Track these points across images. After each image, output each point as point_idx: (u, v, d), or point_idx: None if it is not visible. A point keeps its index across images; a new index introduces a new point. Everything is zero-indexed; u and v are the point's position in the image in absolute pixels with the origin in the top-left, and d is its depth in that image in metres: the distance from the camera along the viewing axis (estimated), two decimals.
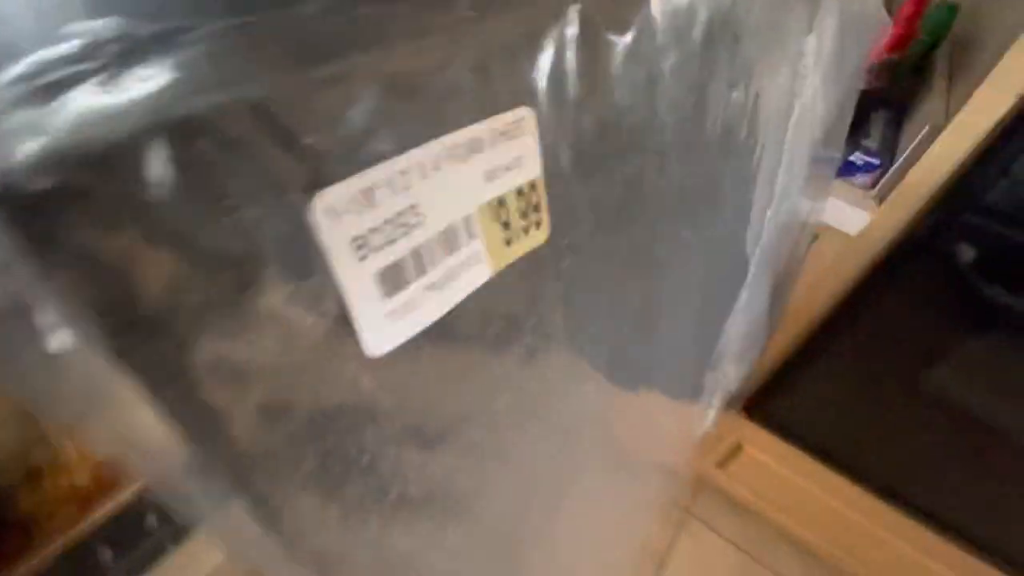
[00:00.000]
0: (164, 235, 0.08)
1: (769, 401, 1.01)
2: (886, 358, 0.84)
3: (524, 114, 0.12)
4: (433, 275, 0.11)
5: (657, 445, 0.42)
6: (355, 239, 0.09)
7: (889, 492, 0.97)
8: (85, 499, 0.38)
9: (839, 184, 0.77)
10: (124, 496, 0.39)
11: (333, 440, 0.11)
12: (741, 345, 0.48)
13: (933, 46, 0.80)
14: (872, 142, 0.76)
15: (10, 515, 0.36)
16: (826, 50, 0.36)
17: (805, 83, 0.35)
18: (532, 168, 0.13)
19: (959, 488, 0.90)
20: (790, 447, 1.04)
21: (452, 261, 0.11)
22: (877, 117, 0.80)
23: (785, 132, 0.36)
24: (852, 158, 0.76)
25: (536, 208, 0.14)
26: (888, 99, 0.81)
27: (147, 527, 0.38)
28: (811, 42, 0.35)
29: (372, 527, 0.14)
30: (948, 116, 0.65)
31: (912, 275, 0.75)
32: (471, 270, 0.12)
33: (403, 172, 0.10)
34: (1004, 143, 0.62)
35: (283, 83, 0.08)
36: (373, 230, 0.10)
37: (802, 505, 1.10)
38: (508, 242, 0.14)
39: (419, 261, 0.11)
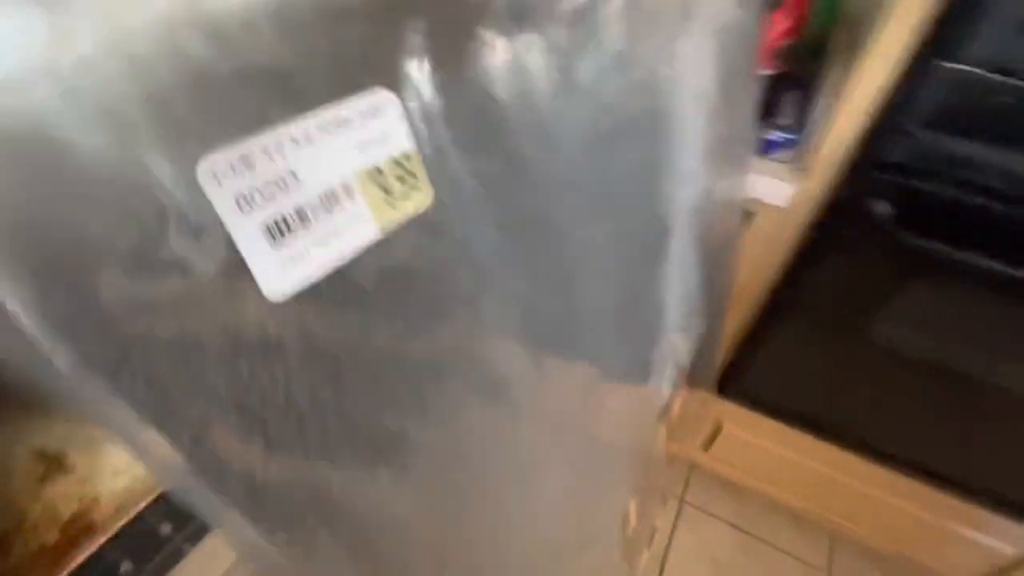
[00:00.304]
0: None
1: (738, 377, 1.05)
2: (835, 318, 0.89)
3: (385, 96, 0.15)
4: (318, 230, 0.14)
5: (608, 421, 0.44)
6: (238, 196, 0.12)
7: (861, 445, 1.01)
8: (56, 556, 0.38)
9: (762, 162, 0.83)
10: (94, 546, 0.39)
11: (247, 375, 0.13)
12: (682, 316, 0.51)
13: (828, 26, 0.87)
14: (786, 119, 0.82)
15: None
16: (705, 39, 0.40)
17: (690, 68, 0.39)
18: (402, 142, 0.16)
19: (922, 430, 0.94)
20: (765, 419, 1.08)
21: (336, 219, 0.14)
22: (788, 97, 0.86)
23: (679, 118, 0.40)
24: (770, 137, 0.82)
25: (413, 175, 0.17)
26: (796, 80, 0.87)
27: (122, 571, 0.39)
28: (690, 30, 0.39)
29: (300, 463, 0.16)
30: (845, 89, 0.71)
31: (842, 236, 0.80)
32: (357, 227, 0.15)
33: (276, 142, 0.12)
34: (893, 105, 0.68)
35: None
36: (254, 189, 0.12)
37: (785, 474, 1.14)
38: (391, 205, 0.16)
39: (304, 218, 0.13)
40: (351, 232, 0.15)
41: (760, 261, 0.90)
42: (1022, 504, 0.93)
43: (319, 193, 0.14)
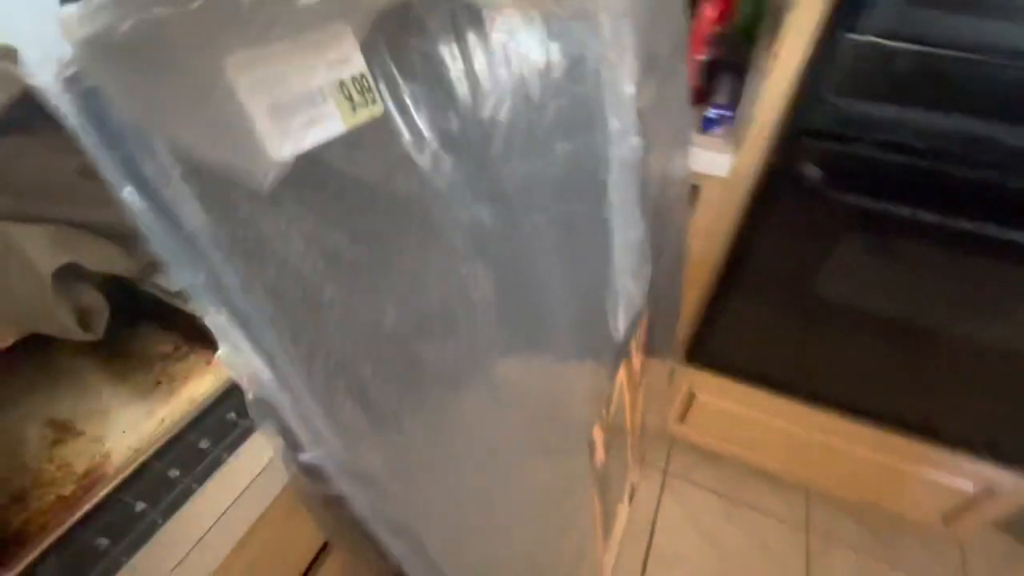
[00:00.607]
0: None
1: (704, 345, 1.12)
2: (785, 278, 0.96)
3: (343, 27, 0.21)
4: (304, 116, 0.19)
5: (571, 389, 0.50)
6: (252, 82, 0.17)
7: (823, 400, 1.08)
8: (73, 504, 0.42)
9: (704, 139, 0.90)
10: (107, 488, 0.43)
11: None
12: (630, 261, 0.57)
13: (756, 13, 0.96)
14: (722, 98, 0.90)
15: (2, 535, 0.40)
16: (627, 34, 0.47)
17: (612, 54, 0.45)
18: (358, 64, 0.21)
19: (877, 379, 1.01)
20: (733, 383, 1.14)
21: (315, 112, 0.19)
22: (722, 79, 0.94)
23: (607, 85, 0.47)
24: (708, 115, 0.90)
25: (369, 90, 0.22)
26: (729, 64, 0.95)
27: (136, 511, 0.42)
28: (613, 26, 0.46)
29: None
30: (769, 67, 0.79)
31: (780, 200, 0.88)
32: (329, 121, 0.20)
33: (278, 50, 0.17)
34: (811, 77, 0.76)
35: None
36: (261, 80, 0.17)
37: (758, 436, 1.20)
38: (354, 110, 0.22)
39: (294, 106, 0.19)
40: (325, 124, 0.20)
41: (711, 230, 0.97)
42: (977, 441, 1.00)
43: (304, 91, 0.19)
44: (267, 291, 0.21)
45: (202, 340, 0.55)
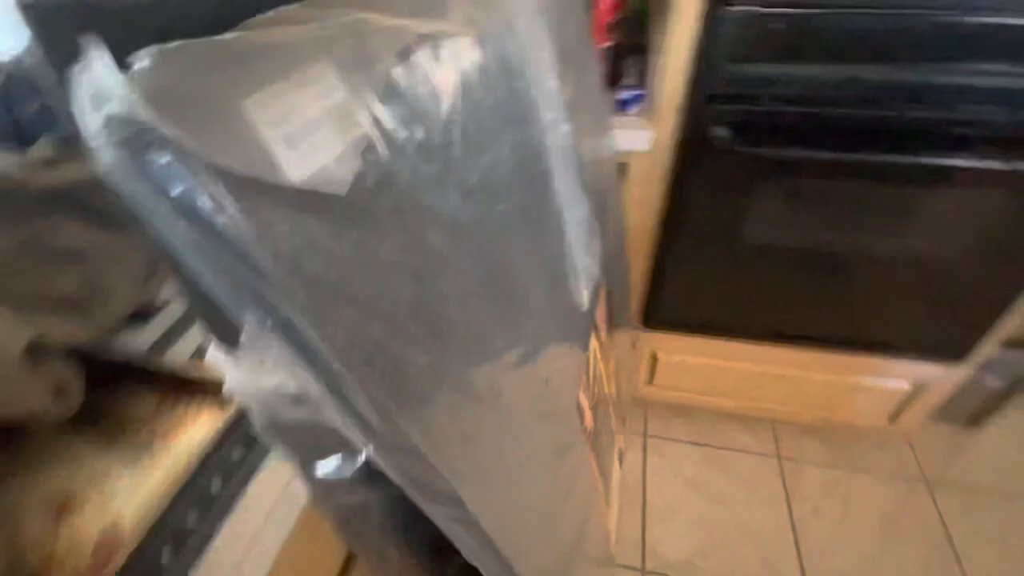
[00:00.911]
0: None
1: (658, 308, 1.20)
2: (714, 233, 1.05)
3: (324, 66, 0.24)
4: (309, 143, 0.22)
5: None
6: (267, 117, 0.20)
7: (769, 335, 1.18)
8: (95, 571, 0.42)
9: (622, 118, 0.97)
10: (130, 551, 0.43)
11: None
12: (582, 238, 0.62)
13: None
14: (631, 80, 0.98)
15: None
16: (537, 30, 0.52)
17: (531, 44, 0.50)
18: (341, 94, 0.25)
19: (811, 306, 1.12)
20: (690, 337, 1.23)
21: (315, 139, 0.23)
22: (629, 62, 1.02)
23: (535, 83, 0.51)
24: (621, 96, 0.97)
25: (353, 113, 0.26)
26: (631, 47, 1.03)
27: (163, 563, 0.43)
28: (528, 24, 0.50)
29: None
30: (667, 44, 0.87)
31: (698, 162, 0.96)
32: (329, 148, 0.24)
33: (286, 88, 0.21)
34: (703, 49, 0.84)
35: None
36: (273, 115, 0.20)
37: (720, 381, 1.30)
38: (343, 132, 0.25)
39: (300, 135, 0.21)
40: (325, 150, 0.23)
41: (644, 201, 1.04)
42: (903, 343, 1.13)
43: (305, 123, 0.22)
44: (321, 298, 0.24)
45: (187, 390, 0.55)
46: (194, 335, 0.61)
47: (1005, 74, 0.78)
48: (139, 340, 0.59)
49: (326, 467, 0.42)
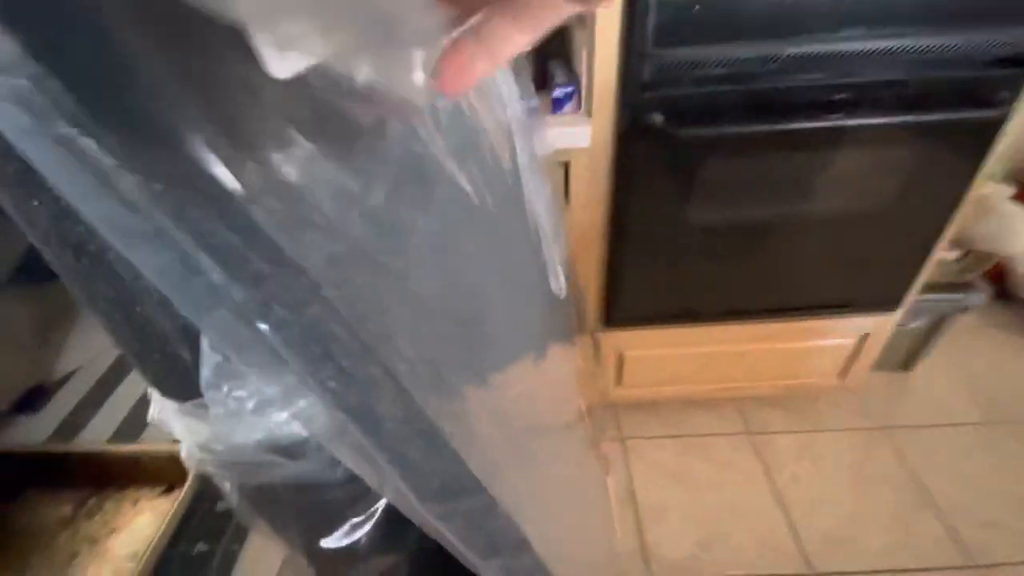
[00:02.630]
0: None
1: (616, 306, 1.18)
2: (661, 220, 1.06)
3: None
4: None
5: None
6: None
7: (722, 315, 1.21)
8: None
9: (558, 118, 0.96)
10: None
11: None
12: (551, 231, 0.59)
13: None
14: (560, 78, 0.97)
15: None
16: None
17: None
18: None
19: (758, 279, 1.16)
20: (650, 330, 1.22)
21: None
22: (555, 63, 1.01)
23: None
24: (555, 95, 0.95)
25: None
26: (555, 47, 1.03)
27: None
28: None
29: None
30: (593, 39, 0.86)
31: (637, 151, 0.97)
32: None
33: None
34: (629, 38, 0.85)
35: None
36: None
37: (682, 369, 1.30)
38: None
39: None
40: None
41: (589, 200, 1.03)
42: (843, 302, 1.19)
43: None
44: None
45: (116, 482, 0.43)
46: (117, 404, 0.48)
47: (895, 35, 0.85)
48: (34, 428, 0.45)
49: (335, 536, 0.33)
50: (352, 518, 0.31)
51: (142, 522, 0.40)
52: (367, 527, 0.33)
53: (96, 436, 0.47)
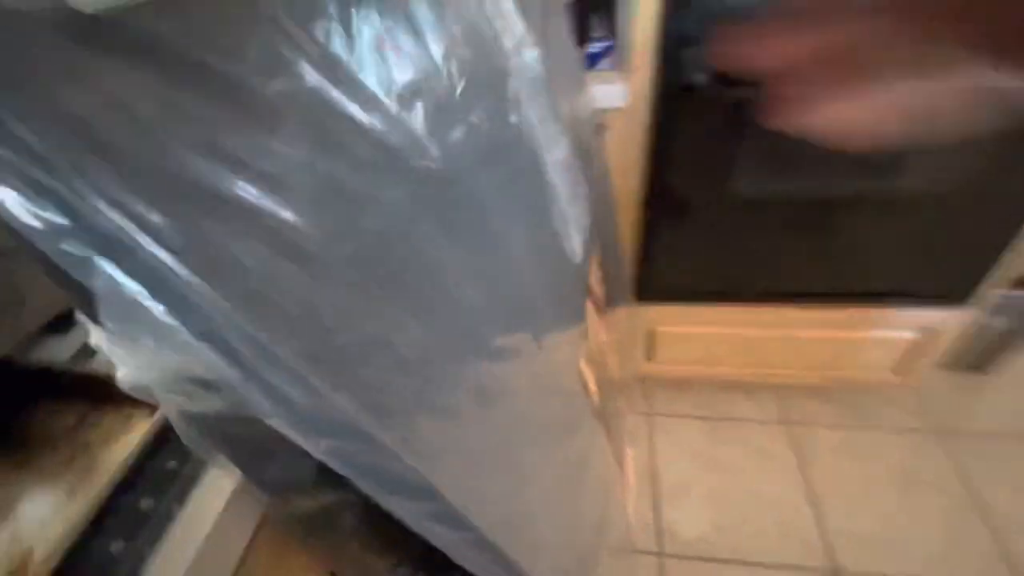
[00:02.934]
0: None
1: (650, 278, 1.13)
2: (703, 188, 0.99)
3: None
4: None
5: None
6: None
7: (766, 296, 1.13)
8: None
9: (592, 75, 0.91)
10: None
11: None
12: (569, 194, 0.56)
13: None
14: (599, 33, 0.91)
15: None
16: None
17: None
18: None
19: (807, 260, 1.07)
20: (686, 307, 1.17)
21: None
22: (594, 16, 0.95)
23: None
24: (591, 50, 0.90)
25: None
26: (596, 2, 0.97)
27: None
28: None
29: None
30: None
31: (681, 113, 0.90)
32: None
33: None
34: None
35: None
36: None
37: (719, 349, 1.24)
38: None
39: None
40: None
41: (626, 165, 0.98)
42: (904, 291, 1.08)
43: None
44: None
45: (114, 400, 0.47)
46: None
47: None
48: (60, 349, 0.51)
49: (273, 468, 0.34)
50: (288, 450, 0.32)
51: (132, 437, 0.44)
52: (307, 460, 0.34)
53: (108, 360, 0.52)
